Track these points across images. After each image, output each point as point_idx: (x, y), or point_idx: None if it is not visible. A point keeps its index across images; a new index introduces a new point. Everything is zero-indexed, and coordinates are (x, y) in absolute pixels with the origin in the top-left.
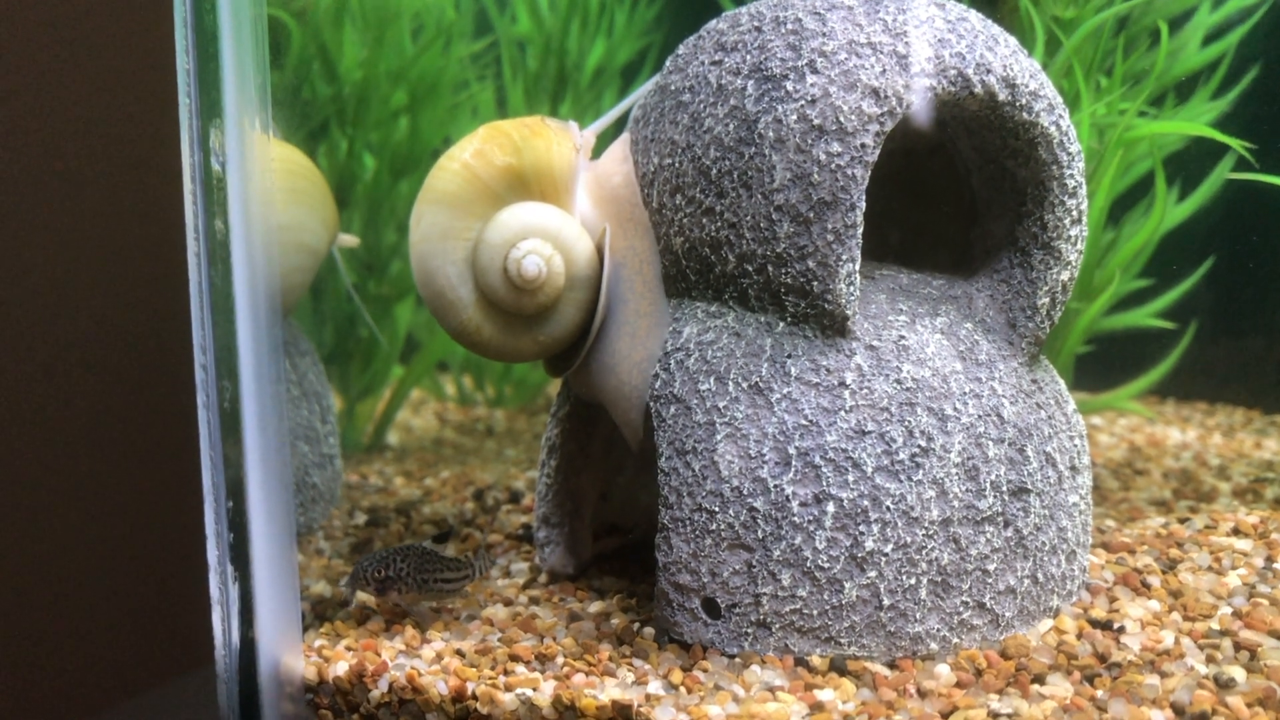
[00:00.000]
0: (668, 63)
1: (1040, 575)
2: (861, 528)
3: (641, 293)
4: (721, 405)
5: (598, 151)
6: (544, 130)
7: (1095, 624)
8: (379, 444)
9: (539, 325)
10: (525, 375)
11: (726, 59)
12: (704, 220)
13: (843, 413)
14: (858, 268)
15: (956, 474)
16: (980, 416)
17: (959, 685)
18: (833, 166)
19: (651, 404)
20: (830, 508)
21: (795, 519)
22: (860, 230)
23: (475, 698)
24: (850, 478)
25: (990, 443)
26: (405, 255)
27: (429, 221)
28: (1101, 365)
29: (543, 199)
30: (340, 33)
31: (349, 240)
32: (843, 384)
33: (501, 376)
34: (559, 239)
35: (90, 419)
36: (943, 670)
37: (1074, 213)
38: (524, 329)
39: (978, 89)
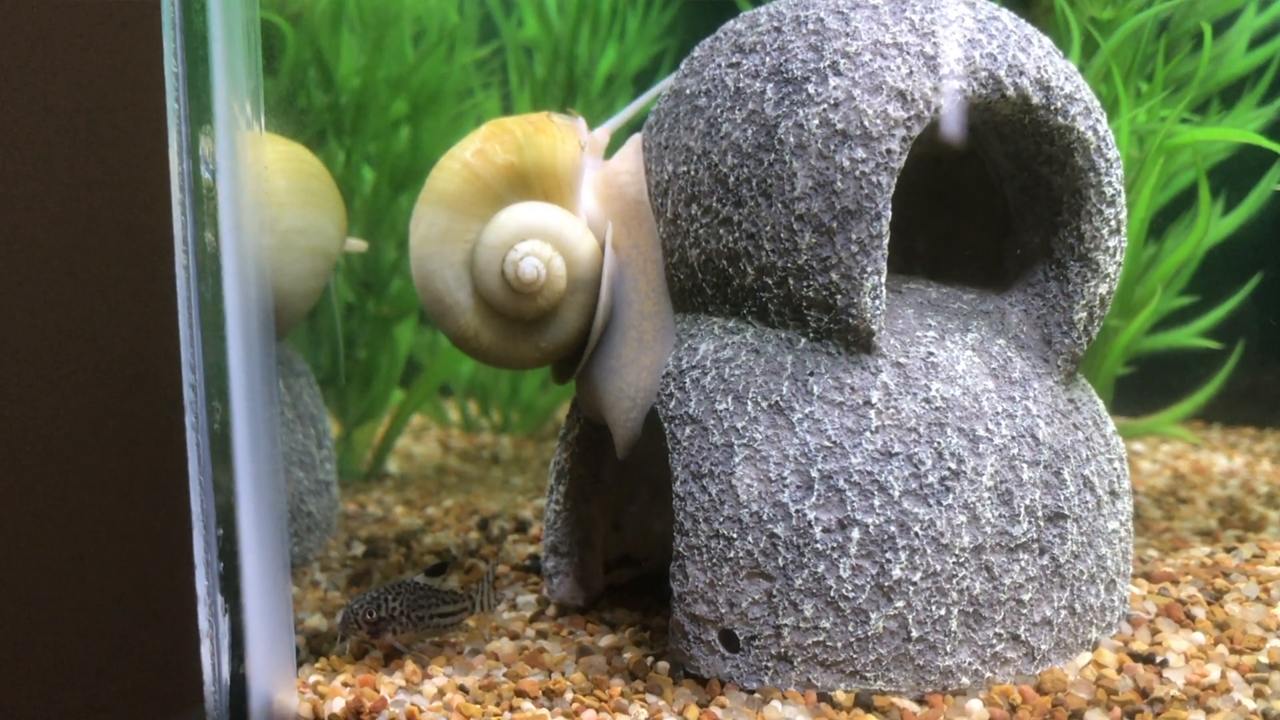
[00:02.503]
0: (682, 65)
1: (1078, 606)
2: (888, 555)
3: (646, 293)
4: (740, 426)
5: (611, 152)
6: (549, 127)
7: (1136, 657)
8: (378, 471)
9: (540, 330)
10: (533, 400)
11: (744, 61)
12: (721, 231)
13: (868, 433)
14: (884, 280)
15: (989, 498)
16: (1014, 438)
17: None
18: (857, 173)
19: (665, 425)
20: (855, 534)
21: (818, 546)
22: (886, 241)
23: None
24: (876, 502)
25: (1024, 465)
26: (406, 273)
27: (427, 223)
28: (1143, 388)
29: (546, 198)
30: (337, 38)
31: (357, 245)
32: (868, 403)
33: (508, 401)
34: (560, 240)
35: (72, 441)
36: (975, 706)
37: (1112, 222)
38: (524, 335)
39: (1010, 92)
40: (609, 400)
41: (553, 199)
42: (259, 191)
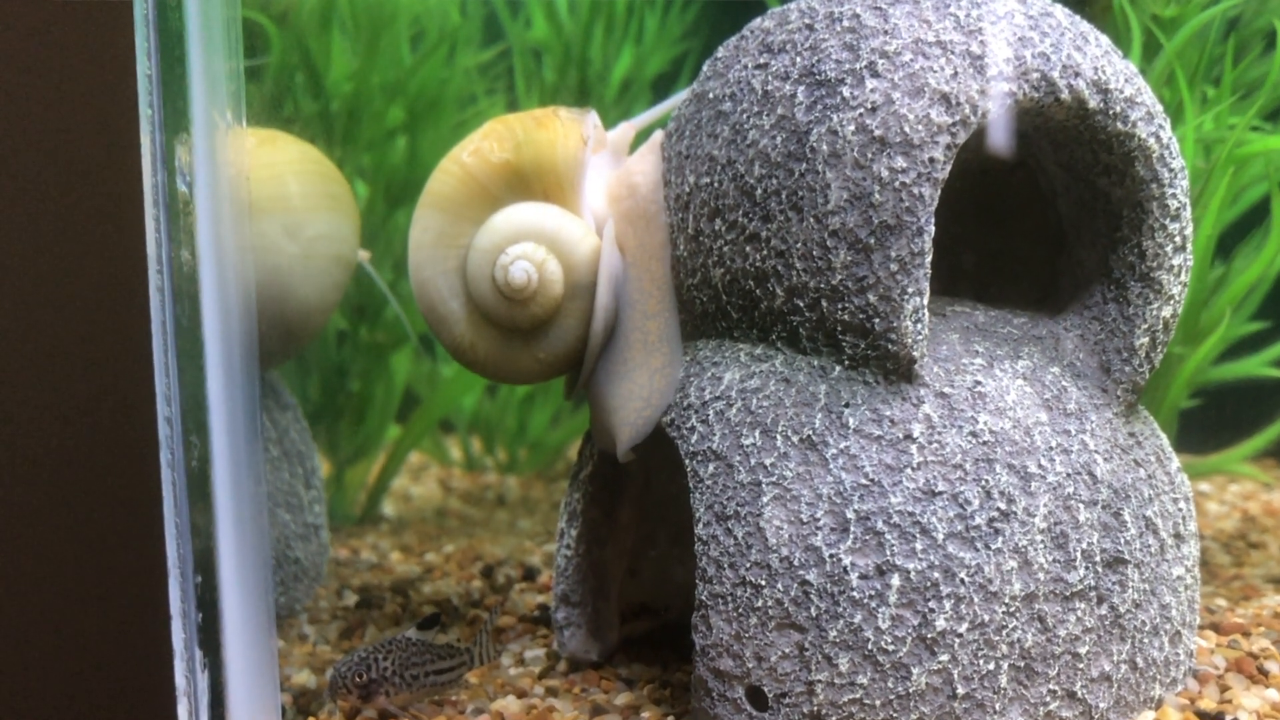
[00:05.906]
0: (705, 67)
1: (1139, 659)
2: (931, 604)
3: (649, 291)
4: (768, 462)
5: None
6: (552, 123)
7: (1204, 716)
8: (373, 514)
9: (539, 340)
10: (542, 436)
11: (773, 62)
12: (747, 248)
13: (909, 470)
14: (926, 302)
15: (1041, 542)
16: (1069, 475)
17: None
18: (896, 184)
19: (686, 461)
20: (895, 581)
21: (854, 594)
22: (929, 259)
23: None
24: (918, 546)
25: (1081, 505)
26: (403, 296)
27: (421, 227)
28: (1210, 422)
29: (546, 198)
30: (328, 39)
31: (362, 255)
32: (909, 437)
33: (515, 437)
34: (556, 242)
35: (35, 480)
36: None
37: (1177, 239)
38: (522, 345)
39: (1064, 95)
40: (616, 403)
41: (553, 198)
42: (241, 206)
